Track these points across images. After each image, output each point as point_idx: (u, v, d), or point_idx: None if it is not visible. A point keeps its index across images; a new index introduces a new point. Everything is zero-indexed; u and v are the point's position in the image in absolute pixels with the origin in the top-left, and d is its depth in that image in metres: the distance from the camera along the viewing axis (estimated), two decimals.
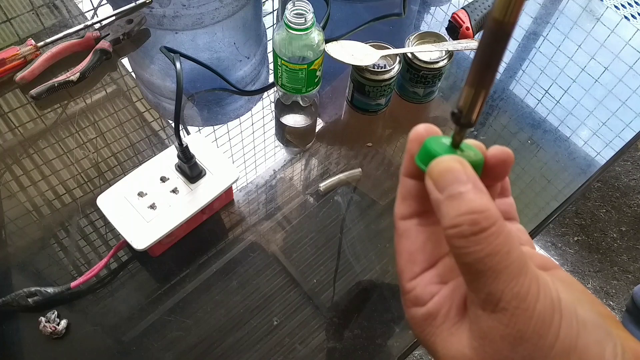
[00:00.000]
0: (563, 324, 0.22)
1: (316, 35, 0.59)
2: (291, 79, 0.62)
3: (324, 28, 0.74)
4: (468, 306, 0.25)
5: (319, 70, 0.63)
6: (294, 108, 0.69)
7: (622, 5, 1.30)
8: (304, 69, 0.60)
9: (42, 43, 0.69)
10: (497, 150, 0.27)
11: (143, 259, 0.56)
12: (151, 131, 0.66)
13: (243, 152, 0.65)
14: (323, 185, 0.62)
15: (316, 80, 0.64)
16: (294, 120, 0.68)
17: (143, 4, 0.74)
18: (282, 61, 0.60)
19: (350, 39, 0.63)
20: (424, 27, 0.81)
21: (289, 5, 0.57)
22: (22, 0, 0.77)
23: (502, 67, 0.77)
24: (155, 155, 0.57)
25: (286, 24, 0.57)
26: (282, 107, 0.69)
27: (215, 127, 0.67)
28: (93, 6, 0.78)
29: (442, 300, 0.27)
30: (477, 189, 0.24)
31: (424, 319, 0.27)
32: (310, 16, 0.57)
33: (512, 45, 0.79)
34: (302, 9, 0.57)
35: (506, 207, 0.31)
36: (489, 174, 0.27)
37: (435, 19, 0.82)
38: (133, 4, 0.74)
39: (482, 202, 0.23)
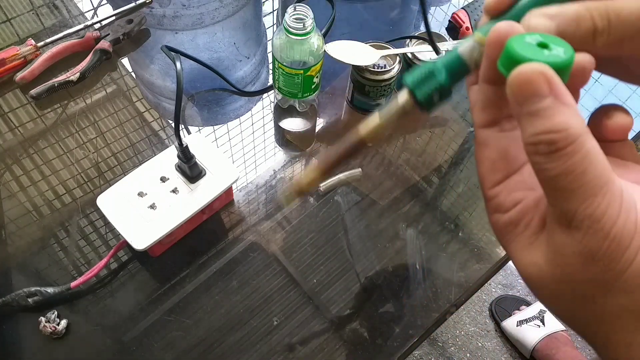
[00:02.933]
0: None
1: (316, 41, 0.59)
2: (288, 83, 0.62)
3: (328, 30, 0.73)
4: (547, 218, 0.25)
5: (317, 77, 0.63)
6: (292, 112, 0.69)
7: None
8: (300, 74, 0.60)
9: (42, 43, 0.69)
10: (575, 60, 0.24)
11: (143, 259, 0.56)
12: (151, 131, 0.66)
13: (243, 152, 0.65)
14: (323, 185, 0.62)
15: (313, 86, 0.64)
16: (292, 124, 0.68)
17: (143, 4, 0.74)
18: (279, 64, 0.60)
19: (350, 39, 0.63)
20: (424, 27, 0.81)
21: (289, 10, 0.57)
22: (22, 0, 0.77)
23: None
24: (155, 155, 0.57)
25: (285, 29, 0.57)
26: (280, 111, 0.69)
27: (215, 127, 0.67)
28: (93, 6, 0.78)
29: (525, 209, 0.26)
30: (558, 102, 0.22)
31: (505, 226, 0.27)
32: (309, 22, 0.57)
33: None
34: (301, 14, 0.57)
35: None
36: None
37: (435, 19, 0.82)
38: (133, 4, 0.74)
39: (562, 120, 0.22)
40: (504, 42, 0.24)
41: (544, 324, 1.33)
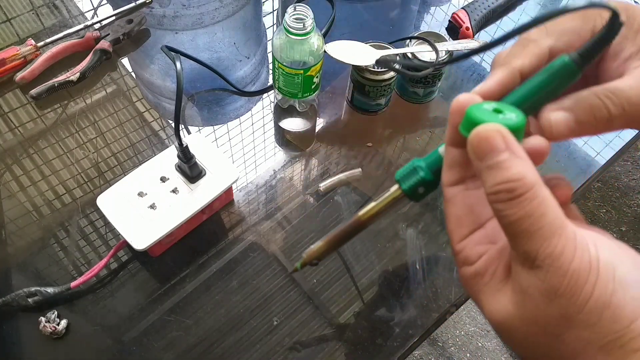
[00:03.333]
0: (598, 282, 0.24)
1: (315, 41, 0.59)
2: (288, 82, 0.62)
3: (328, 30, 0.73)
4: (512, 263, 0.27)
5: (317, 77, 0.63)
6: (292, 112, 0.69)
7: None
8: (300, 74, 0.60)
9: (42, 43, 0.69)
10: (534, 143, 0.28)
11: (143, 259, 0.56)
12: (151, 131, 0.66)
13: (243, 152, 0.65)
14: (323, 185, 0.62)
15: (313, 86, 0.64)
16: (292, 124, 0.68)
17: (143, 4, 0.74)
18: (279, 64, 0.60)
19: (350, 39, 0.63)
20: (424, 27, 0.81)
21: (289, 10, 0.57)
22: (22, 0, 0.77)
23: None
24: (155, 155, 0.57)
25: (285, 29, 0.57)
26: (280, 111, 0.69)
27: (215, 127, 0.67)
28: (93, 6, 0.78)
29: (490, 260, 0.28)
30: (514, 156, 0.25)
31: (472, 277, 0.29)
32: (309, 22, 0.57)
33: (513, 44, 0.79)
34: (301, 14, 0.57)
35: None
36: None
37: (435, 19, 0.82)
38: (133, 4, 0.74)
39: (518, 171, 0.25)
40: (464, 109, 0.27)
41: None
